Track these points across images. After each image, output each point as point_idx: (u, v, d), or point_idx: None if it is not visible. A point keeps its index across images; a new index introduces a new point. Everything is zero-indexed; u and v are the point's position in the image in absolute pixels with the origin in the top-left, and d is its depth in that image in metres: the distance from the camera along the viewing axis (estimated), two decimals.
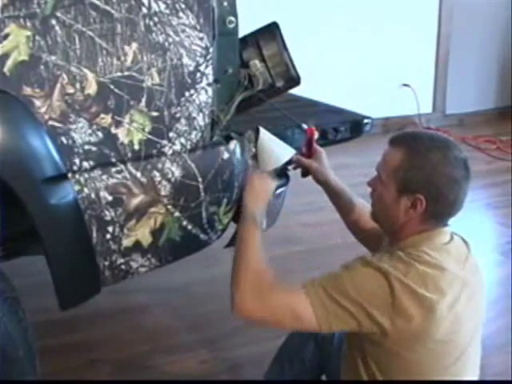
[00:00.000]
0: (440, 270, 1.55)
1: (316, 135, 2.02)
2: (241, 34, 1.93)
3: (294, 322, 1.60)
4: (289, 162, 2.00)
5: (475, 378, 1.69)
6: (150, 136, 1.76)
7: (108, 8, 1.63)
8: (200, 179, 1.88)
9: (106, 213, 1.74)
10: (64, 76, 1.60)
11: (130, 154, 1.74)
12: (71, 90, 1.62)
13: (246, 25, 1.97)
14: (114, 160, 1.72)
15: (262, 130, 1.96)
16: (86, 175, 1.69)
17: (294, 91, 2.17)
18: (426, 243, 1.60)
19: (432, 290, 1.52)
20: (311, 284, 1.59)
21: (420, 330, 1.53)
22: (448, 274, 1.55)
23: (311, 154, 2.02)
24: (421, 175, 1.59)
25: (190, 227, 1.91)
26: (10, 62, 1.52)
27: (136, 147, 1.75)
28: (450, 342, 1.58)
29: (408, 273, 1.52)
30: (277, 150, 1.97)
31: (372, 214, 1.76)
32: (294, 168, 2.06)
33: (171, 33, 1.72)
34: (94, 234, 1.74)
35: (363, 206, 1.95)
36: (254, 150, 1.98)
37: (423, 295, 1.51)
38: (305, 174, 2.04)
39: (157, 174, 1.80)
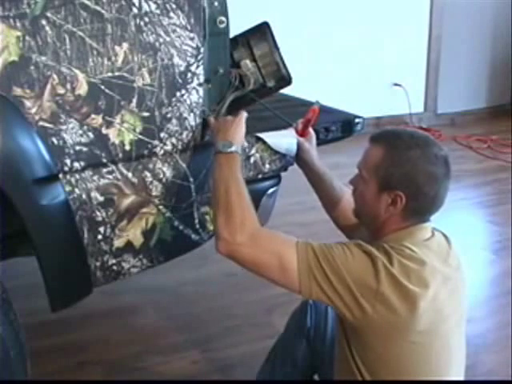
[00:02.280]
0: (421, 264, 1.56)
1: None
2: (232, 34, 1.93)
3: (279, 271, 1.59)
4: None
5: (461, 371, 1.70)
6: (140, 136, 1.75)
7: (98, 8, 1.62)
8: (191, 179, 1.88)
9: (98, 213, 1.74)
10: (54, 76, 1.60)
11: (120, 155, 1.74)
12: (62, 91, 1.61)
13: (237, 25, 1.97)
14: (105, 160, 1.72)
15: (262, 135, 1.97)
16: (77, 176, 1.69)
17: (286, 91, 2.17)
18: (407, 239, 1.61)
19: (415, 282, 1.53)
20: (304, 244, 1.59)
21: (403, 324, 1.54)
22: (429, 267, 1.57)
23: (305, 133, 2.02)
24: (400, 172, 1.61)
25: (181, 227, 1.91)
26: None
27: (127, 147, 1.74)
28: (432, 334, 1.58)
29: (392, 263, 1.54)
30: (283, 139, 2.01)
31: (354, 212, 1.77)
32: None
33: (162, 33, 1.72)
34: (86, 235, 1.74)
35: (343, 191, 1.96)
36: (257, 154, 2.00)
37: (407, 287, 1.52)
38: None
39: (148, 174, 1.80)
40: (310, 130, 2.03)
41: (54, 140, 1.63)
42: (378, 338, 1.58)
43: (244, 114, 1.83)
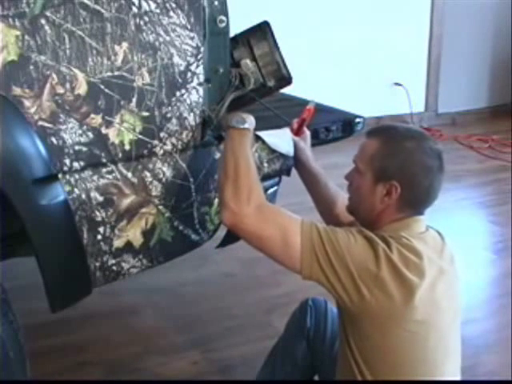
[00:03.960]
0: (418, 255, 1.57)
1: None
2: (232, 34, 1.92)
3: (282, 246, 1.59)
4: None
5: (457, 368, 1.69)
6: (140, 136, 1.75)
7: (98, 7, 1.62)
8: (191, 179, 1.87)
9: (97, 213, 1.73)
10: (54, 76, 1.59)
11: (120, 155, 1.73)
12: (61, 90, 1.61)
13: (237, 24, 1.96)
14: (104, 160, 1.72)
15: (261, 134, 1.97)
16: (77, 176, 1.68)
17: (286, 90, 2.17)
18: (404, 230, 1.63)
19: (413, 270, 1.55)
20: (309, 223, 1.60)
21: (399, 311, 1.55)
22: (426, 258, 1.58)
23: (300, 133, 2.03)
24: (395, 162, 1.64)
25: (181, 227, 1.91)
26: None
27: (127, 147, 1.74)
28: (429, 324, 1.59)
29: (391, 250, 1.55)
30: (281, 139, 2.01)
31: (348, 207, 1.78)
32: None
33: (162, 32, 1.71)
34: (85, 235, 1.73)
35: (337, 191, 1.97)
36: (255, 153, 1.99)
37: (405, 275, 1.53)
38: None
39: (148, 174, 1.79)
40: (305, 129, 2.04)
41: (54, 140, 1.62)
42: (375, 326, 1.58)
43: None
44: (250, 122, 1.76)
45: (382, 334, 1.58)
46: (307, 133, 2.04)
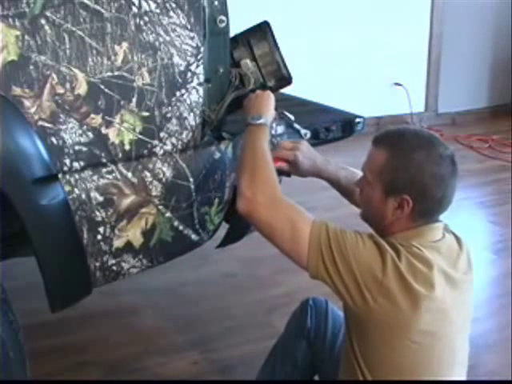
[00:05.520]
0: (428, 265, 1.55)
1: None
2: (232, 33, 1.92)
3: (291, 240, 1.59)
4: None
5: (463, 376, 1.69)
6: (140, 136, 1.75)
7: (98, 7, 1.62)
8: (191, 179, 1.87)
9: (97, 213, 1.73)
10: (54, 76, 1.59)
11: (120, 155, 1.73)
12: (61, 90, 1.61)
13: (237, 24, 1.96)
14: (104, 160, 1.71)
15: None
16: (77, 176, 1.68)
17: (286, 90, 2.17)
18: (416, 239, 1.60)
19: (420, 281, 1.52)
20: (319, 223, 1.60)
21: (404, 320, 1.54)
22: (436, 269, 1.55)
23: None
24: (405, 176, 1.59)
25: (181, 228, 1.90)
26: None
27: (127, 147, 1.74)
28: (435, 335, 1.58)
29: (400, 259, 1.53)
30: None
31: (361, 214, 1.76)
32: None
33: (162, 32, 1.71)
34: (85, 235, 1.73)
35: (349, 184, 1.93)
36: None
37: (412, 285, 1.51)
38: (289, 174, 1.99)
39: (148, 174, 1.79)
40: (297, 150, 1.93)
41: (54, 140, 1.62)
42: (379, 332, 1.57)
43: (271, 94, 1.89)
44: (265, 116, 1.79)
45: (386, 340, 1.57)
46: (300, 143, 1.95)
